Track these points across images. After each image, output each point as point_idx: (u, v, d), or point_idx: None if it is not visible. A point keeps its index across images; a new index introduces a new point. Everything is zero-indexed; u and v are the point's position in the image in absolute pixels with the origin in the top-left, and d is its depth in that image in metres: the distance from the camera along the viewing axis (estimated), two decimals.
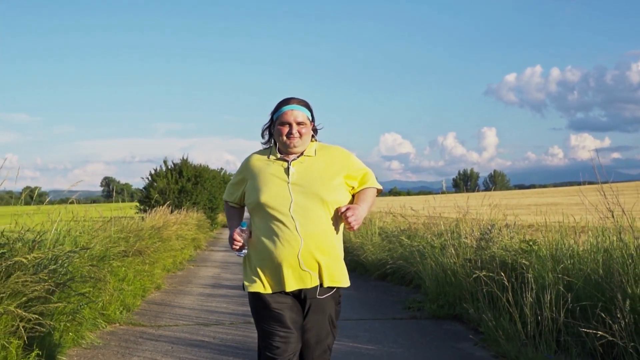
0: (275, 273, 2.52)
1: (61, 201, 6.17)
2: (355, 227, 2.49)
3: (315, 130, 2.75)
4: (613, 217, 4.39)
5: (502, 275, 4.58)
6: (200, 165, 25.88)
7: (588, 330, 3.55)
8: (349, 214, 2.48)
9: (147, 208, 20.00)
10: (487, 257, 5.62)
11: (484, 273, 4.96)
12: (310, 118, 2.71)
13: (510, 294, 4.40)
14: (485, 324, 4.73)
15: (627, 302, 3.29)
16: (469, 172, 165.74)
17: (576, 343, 3.84)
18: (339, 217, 2.57)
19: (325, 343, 2.61)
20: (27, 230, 4.78)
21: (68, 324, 4.59)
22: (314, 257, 2.50)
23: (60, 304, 4.29)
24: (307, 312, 2.58)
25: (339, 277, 2.60)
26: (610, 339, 3.24)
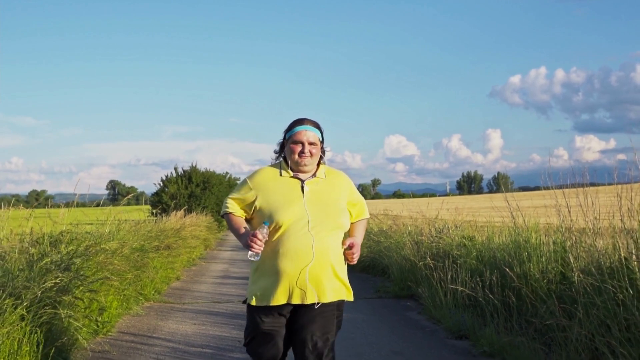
0: (286, 286, 2.60)
1: (114, 204, 7.91)
2: (355, 262, 2.71)
3: (323, 152, 2.84)
4: (513, 217, 6.09)
5: (429, 261, 6.30)
6: (208, 170, 27.73)
7: (466, 291, 5.27)
8: (354, 250, 2.68)
9: (160, 212, 21.81)
10: (435, 250, 7.33)
11: (426, 261, 6.68)
12: (321, 139, 2.81)
13: (434, 275, 6.12)
14: (423, 297, 6.46)
15: (488, 272, 5.02)
16: (473, 174, 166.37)
17: (470, 305, 5.56)
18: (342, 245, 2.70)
19: (322, 346, 2.64)
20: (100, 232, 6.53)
21: (120, 297, 6.32)
22: (322, 274, 2.60)
23: (115, 282, 6.02)
24: (305, 319, 2.64)
25: (341, 292, 2.70)
26: (469, 292, 4.97)
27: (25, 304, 3.82)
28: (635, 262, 3.66)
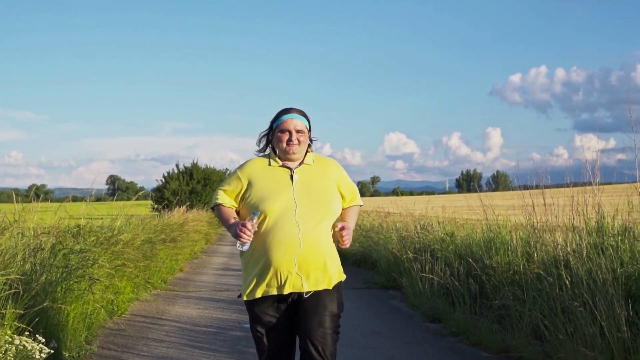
0: (275, 277, 2.59)
1: (115, 200, 8.60)
2: (347, 245, 2.64)
3: (311, 140, 2.84)
4: (486, 215, 6.78)
5: (409, 254, 7.00)
6: (208, 167, 28.49)
7: (435, 279, 5.96)
8: (344, 233, 2.62)
9: (162, 207, 22.55)
10: (417, 244, 8.02)
11: (408, 255, 7.38)
12: (308, 127, 2.81)
13: (415, 267, 6.83)
14: (405, 286, 7.16)
15: (456, 262, 5.73)
16: (472, 172, 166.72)
17: (444, 293, 6.28)
18: (333, 228, 2.68)
19: (326, 329, 2.63)
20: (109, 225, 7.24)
21: (132, 283, 7.02)
22: (311, 262, 2.59)
23: (130, 268, 6.72)
24: (305, 308, 2.64)
25: (333, 277, 2.68)
26: (437, 279, 5.68)
27: (59, 287, 4.52)
28: (570, 254, 4.35)
